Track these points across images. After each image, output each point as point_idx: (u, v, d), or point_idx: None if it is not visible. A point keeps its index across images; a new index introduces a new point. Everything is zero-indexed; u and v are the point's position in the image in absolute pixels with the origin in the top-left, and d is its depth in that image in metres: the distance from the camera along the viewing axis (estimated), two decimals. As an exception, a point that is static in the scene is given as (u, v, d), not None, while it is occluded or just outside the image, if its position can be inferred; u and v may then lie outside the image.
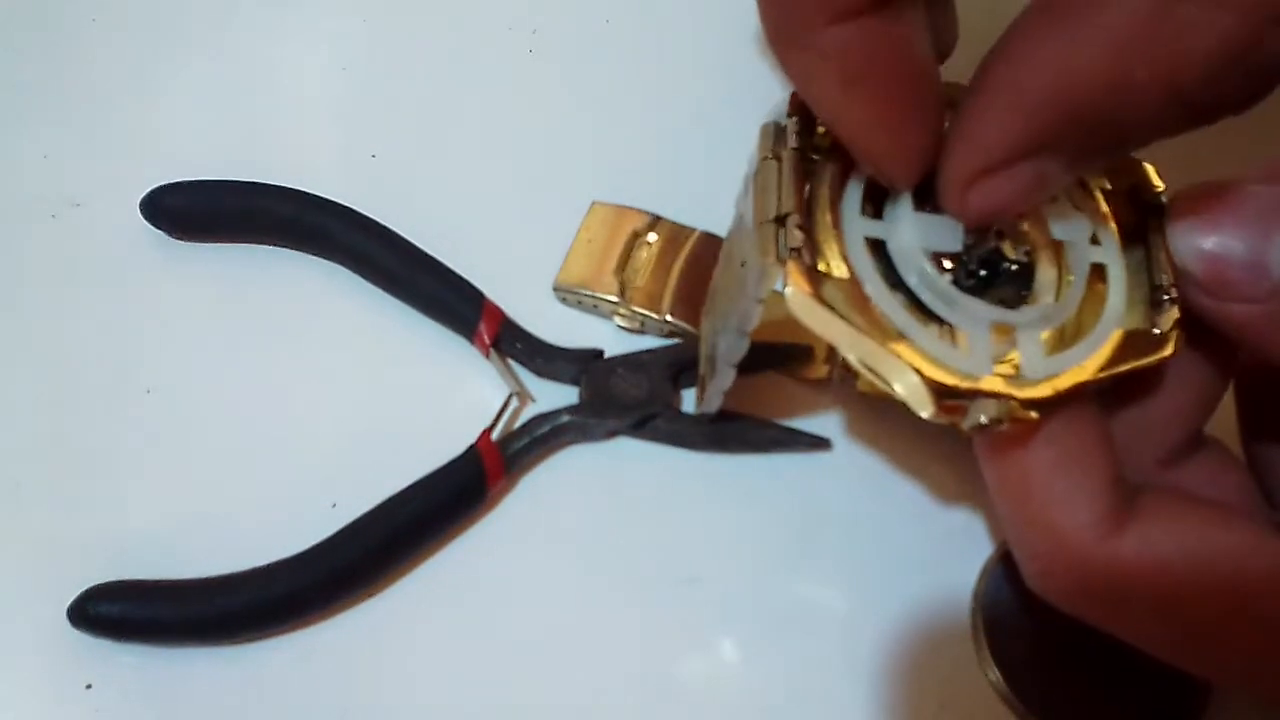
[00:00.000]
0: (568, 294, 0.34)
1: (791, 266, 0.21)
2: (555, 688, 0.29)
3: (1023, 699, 0.28)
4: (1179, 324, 0.21)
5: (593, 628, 0.30)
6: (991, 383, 0.20)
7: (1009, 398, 0.20)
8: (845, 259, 0.22)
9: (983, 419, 0.20)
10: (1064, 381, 0.21)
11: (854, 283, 0.21)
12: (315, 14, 0.41)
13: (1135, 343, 0.21)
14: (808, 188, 0.22)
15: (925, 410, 0.20)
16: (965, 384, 0.20)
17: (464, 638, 0.30)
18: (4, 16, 0.40)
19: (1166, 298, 0.22)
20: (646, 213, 0.35)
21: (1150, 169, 0.23)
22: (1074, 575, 0.22)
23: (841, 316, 0.21)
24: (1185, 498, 0.22)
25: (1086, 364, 0.21)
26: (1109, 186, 0.23)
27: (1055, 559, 0.22)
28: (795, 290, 0.21)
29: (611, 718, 0.29)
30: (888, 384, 0.20)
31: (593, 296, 0.34)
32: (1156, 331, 0.21)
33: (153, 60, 0.40)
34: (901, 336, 0.21)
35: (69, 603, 0.28)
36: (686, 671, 0.29)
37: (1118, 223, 0.23)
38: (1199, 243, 0.21)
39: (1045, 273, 0.23)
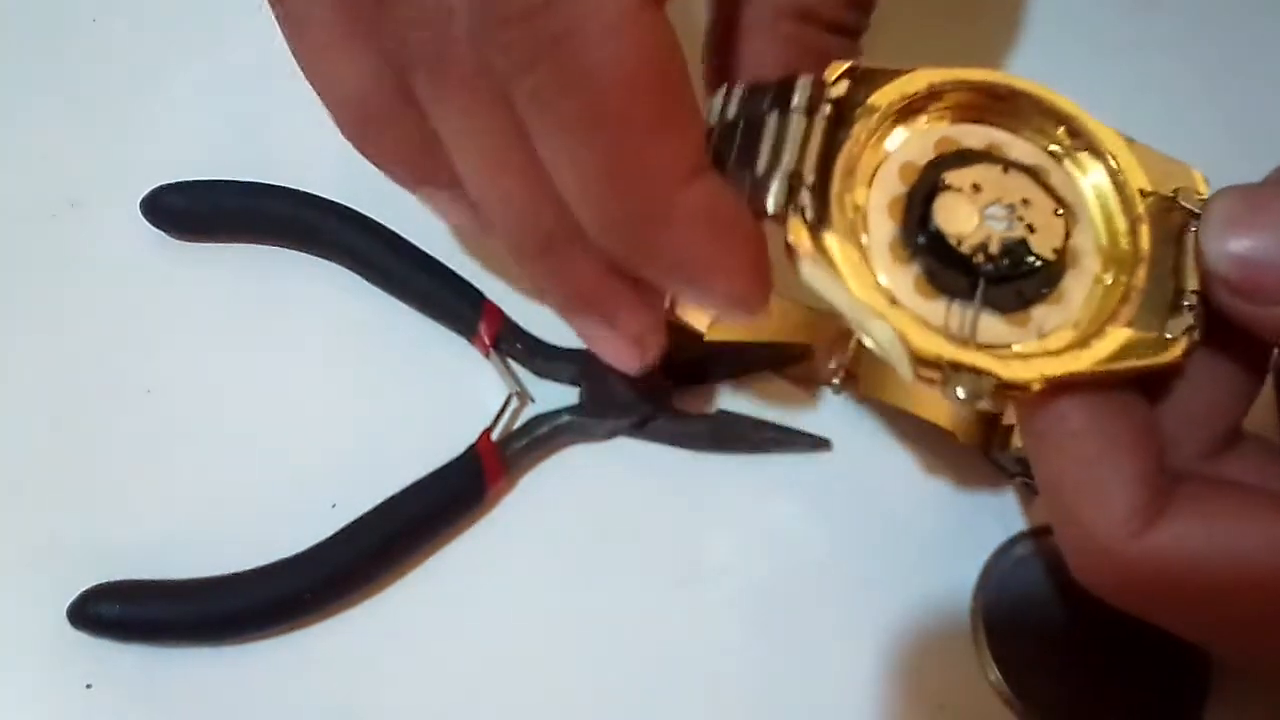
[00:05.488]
0: None
1: (797, 223, 0.22)
2: (555, 688, 0.29)
3: (1023, 699, 0.28)
4: (1190, 331, 0.21)
5: (592, 628, 0.30)
6: (975, 358, 0.21)
7: (990, 375, 0.21)
8: (861, 221, 0.22)
9: (960, 392, 0.20)
10: (1053, 369, 0.21)
11: (862, 246, 0.22)
12: (315, 14, 0.41)
13: (1142, 344, 0.21)
14: (839, 139, 0.23)
15: (905, 371, 0.21)
16: (947, 354, 0.21)
17: (464, 638, 0.30)
18: (4, 16, 0.40)
19: (1186, 304, 0.21)
20: None
21: (1199, 176, 0.23)
22: (1112, 569, 0.22)
23: (842, 276, 0.21)
24: (1223, 487, 0.22)
25: (1084, 356, 0.21)
26: (1148, 188, 0.23)
27: (1092, 553, 0.22)
28: (801, 250, 0.21)
29: (611, 717, 0.29)
30: (877, 344, 0.21)
31: None
32: (1168, 336, 0.21)
33: (153, 60, 0.39)
34: (897, 303, 0.21)
35: (69, 603, 0.28)
36: (686, 671, 0.29)
37: (1152, 226, 0.23)
38: (1230, 245, 0.21)
39: (1075, 276, 0.23)
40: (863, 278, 0.22)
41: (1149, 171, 0.23)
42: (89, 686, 0.29)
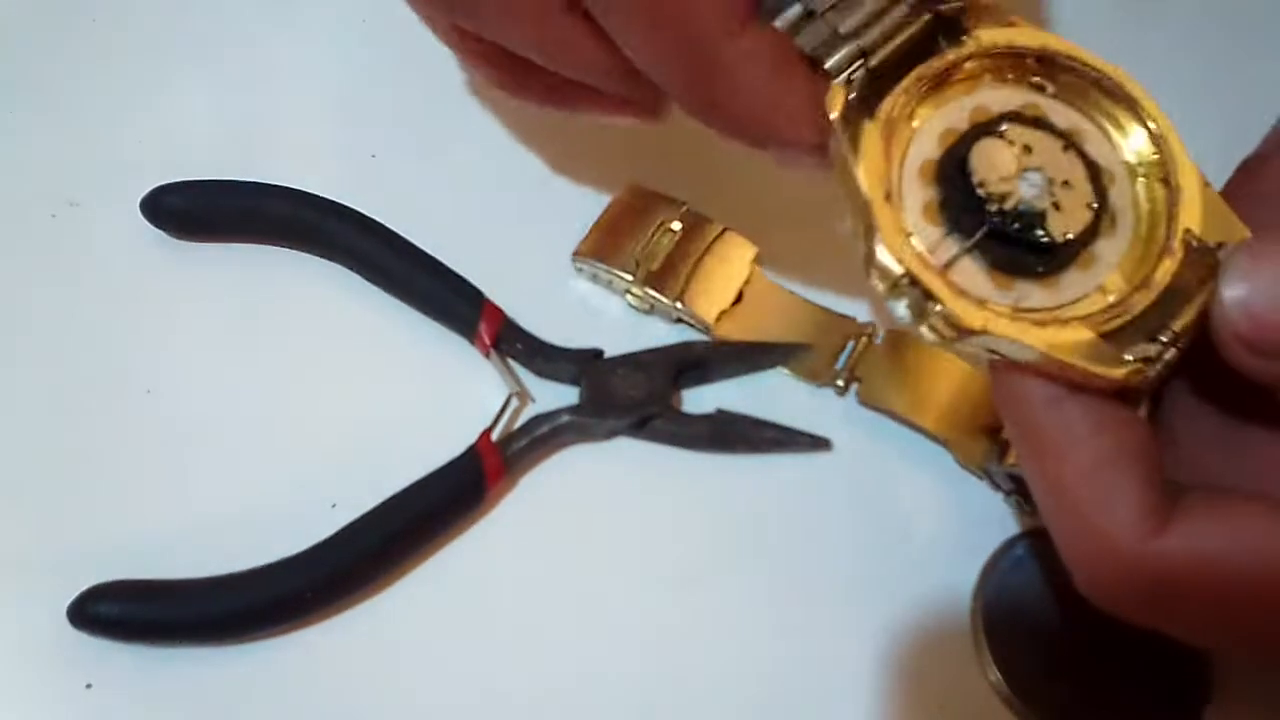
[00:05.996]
0: (584, 265, 0.34)
1: (838, 90, 0.22)
2: (555, 688, 0.29)
3: (1023, 699, 0.28)
4: (1146, 363, 0.21)
5: (592, 628, 0.30)
6: (935, 282, 0.21)
7: (938, 302, 0.21)
8: (909, 134, 0.22)
9: (901, 307, 0.21)
10: (1000, 328, 0.21)
11: (891, 144, 0.22)
12: (315, 14, 0.41)
13: (1097, 351, 0.21)
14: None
15: (864, 266, 0.21)
16: (910, 266, 0.21)
17: (464, 638, 0.30)
18: (4, 16, 0.40)
19: (1162, 339, 0.21)
20: (676, 200, 0.35)
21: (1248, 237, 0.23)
22: (1123, 575, 0.21)
23: (854, 155, 0.22)
24: (1231, 493, 0.22)
25: (1036, 333, 0.21)
26: (1196, 232, 0.22)
27: (1100, 560, 0.21)
28: (830, 117, 0.22)
29: (611, 717, 0.29)
30: (854, 230, 0.22)
31: (608, 271, 0.34)
32: (1126, 357, 0.21)
33: (153, 60, 0.40)
34: (896, 207, 0.22)
35: (69, 603, 0.28)
36: (686, 672, 0.29)
37: (1178, 265, 0.22)
38: (1241, 293, 0.20)
39: (1081, 277, 0.22)
40: (873, 168, 0.22)
41: (1206, 217, 0.22)
42: (89, 686, 0.29)
